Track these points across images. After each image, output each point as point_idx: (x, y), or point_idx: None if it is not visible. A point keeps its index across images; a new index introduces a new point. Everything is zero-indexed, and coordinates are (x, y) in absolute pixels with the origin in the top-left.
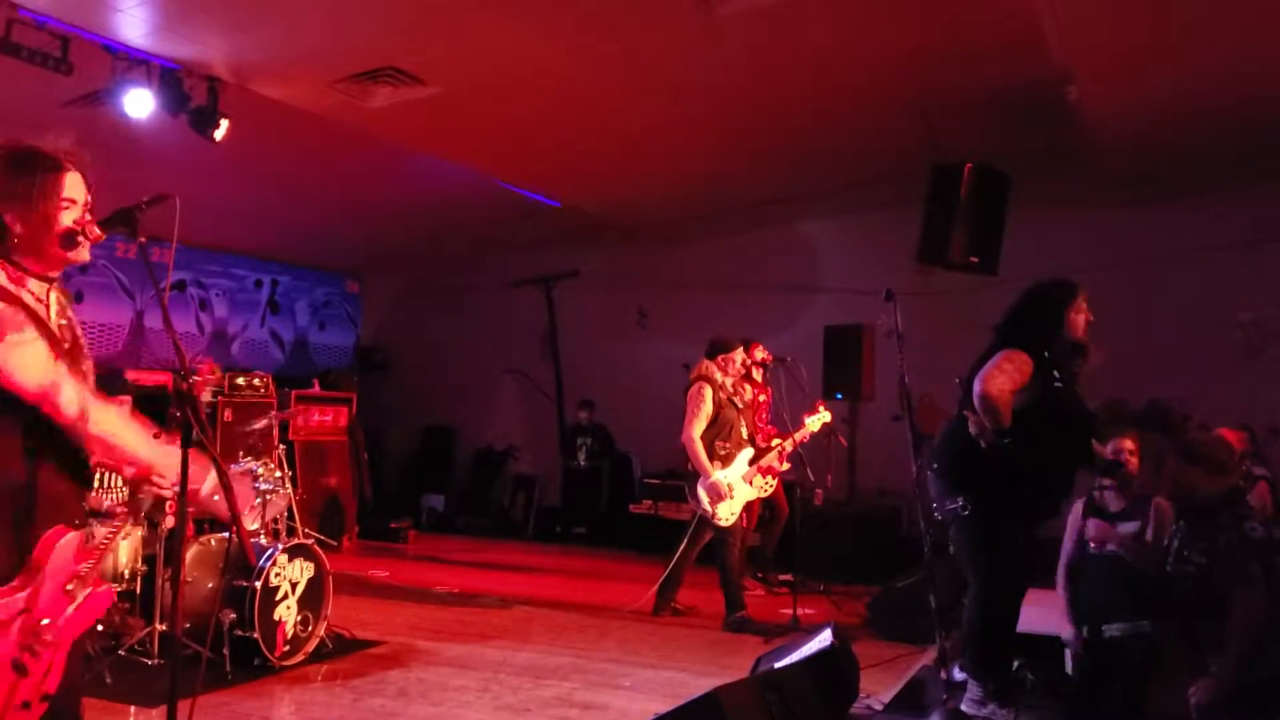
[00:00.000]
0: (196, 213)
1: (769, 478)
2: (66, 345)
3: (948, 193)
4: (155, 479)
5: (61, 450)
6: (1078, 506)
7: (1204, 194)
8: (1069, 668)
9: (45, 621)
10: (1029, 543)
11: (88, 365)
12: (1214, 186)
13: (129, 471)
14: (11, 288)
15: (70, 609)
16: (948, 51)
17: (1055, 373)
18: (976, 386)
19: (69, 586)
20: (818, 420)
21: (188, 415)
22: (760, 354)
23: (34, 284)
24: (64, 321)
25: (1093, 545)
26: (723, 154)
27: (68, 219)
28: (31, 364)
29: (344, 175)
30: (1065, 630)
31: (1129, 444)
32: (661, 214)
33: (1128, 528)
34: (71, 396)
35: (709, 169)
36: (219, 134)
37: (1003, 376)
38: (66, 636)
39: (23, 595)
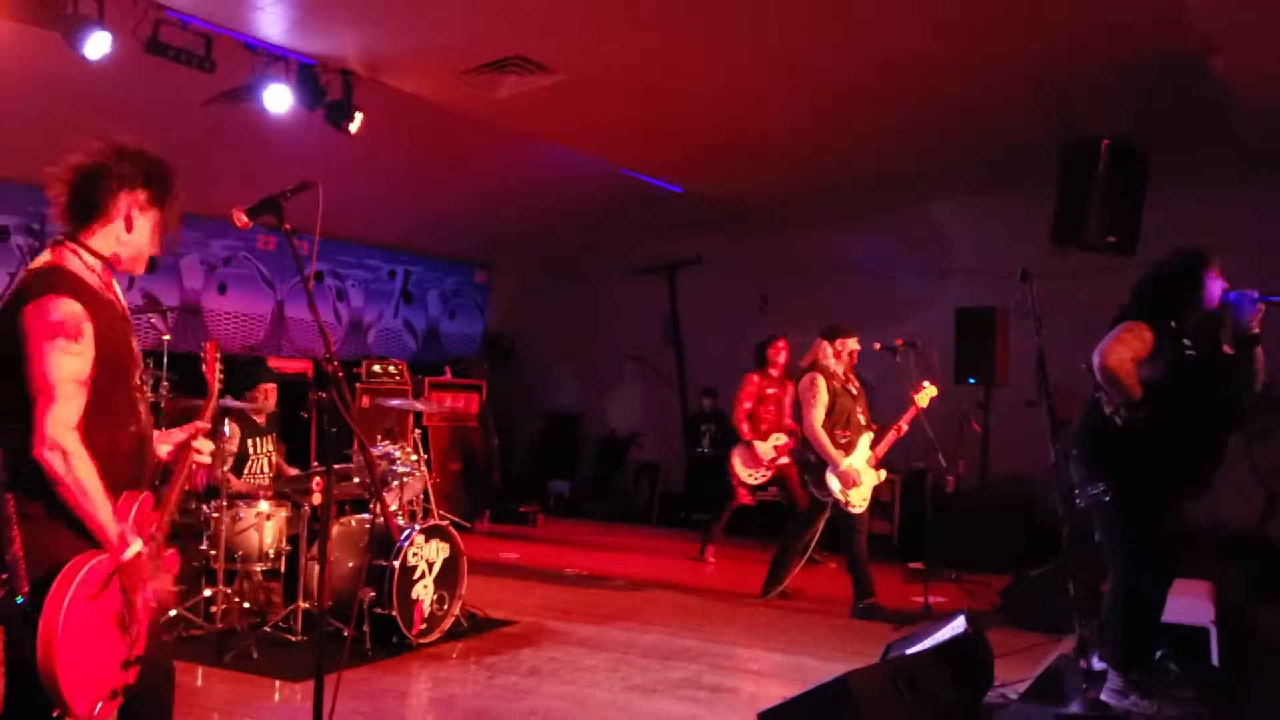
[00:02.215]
0: (332, 205)
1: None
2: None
3: (1083, 171)
4: (195, 447)
5: (121, 419)
6: None
7: None
8: (1214, 659)
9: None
10: (1176, 529)
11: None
12: None
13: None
14: (96, 283)
15: (151, 569)
16: (1082, 25)
17: (1186, 341)
18: (1096, 360)
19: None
20: (925, 396)
21: (333, 396)
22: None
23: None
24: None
25: None
26: (848, 135)
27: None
28: (62, 367)
29: (472, 166)
30: None
31: None
32: (785, 198)
33: None
34: (68, 419)
35: (834, 151)
36: (353, 127)
37: (1121, 347)
38: (152, 596)
39: (108, 556)
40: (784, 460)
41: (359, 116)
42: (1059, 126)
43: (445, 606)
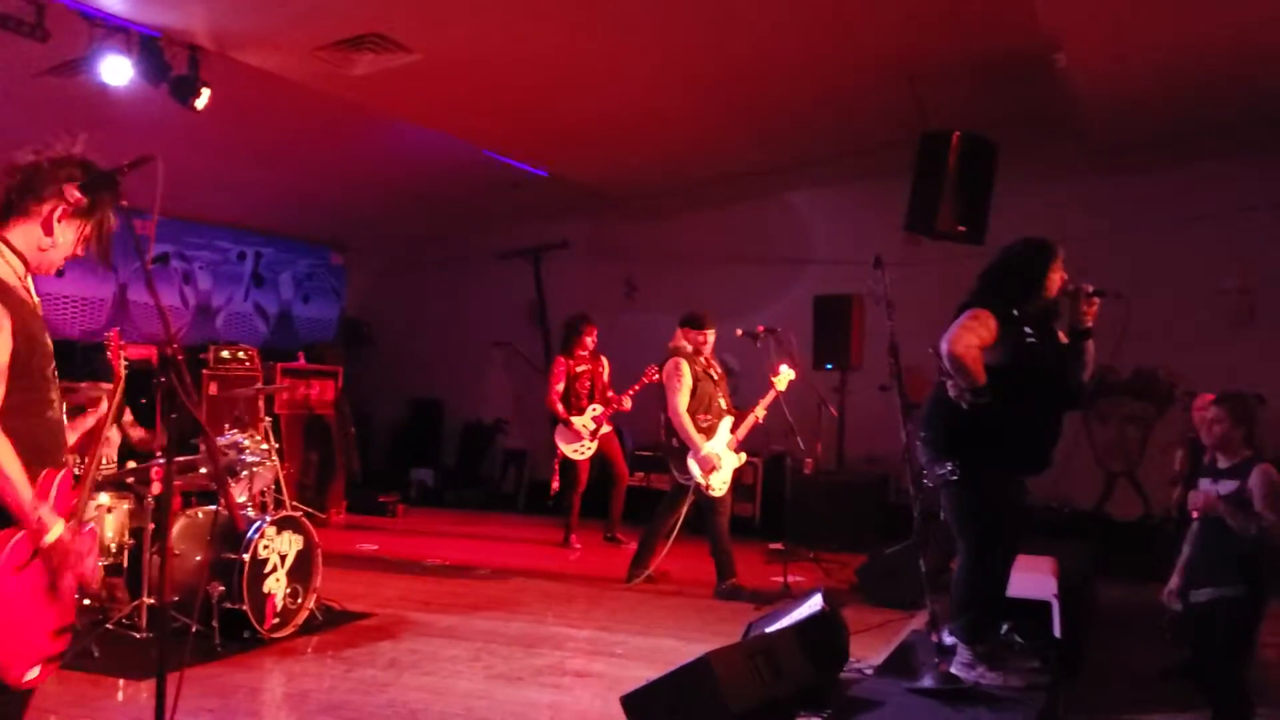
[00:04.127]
0: (179, 184)
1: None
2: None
3: (936, 162)
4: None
5: (37, 408)
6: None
7: (1191, 162)
8: (1056, 631)
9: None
10: (1019, 506)
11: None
12: (1201, 155)
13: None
14: (11, 279)
15: (77, 548)
16: (936, 19)
17: (1027, 329)
18: (943, 347)
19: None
20: (783, 379)
21: (173, 381)
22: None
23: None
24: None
25: (1194, 514)
26: (711, 124)
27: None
28: None
29: (328, 145)
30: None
31: (1213, 412)
32: (650, 185)
33: (1227, 486)
34: None
35: (697, 139)
36: (201, 103)
37: (968, 334)
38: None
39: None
40: (606, 429)
41: (206, 92)
42: (914, 119)
43: (299, 600)
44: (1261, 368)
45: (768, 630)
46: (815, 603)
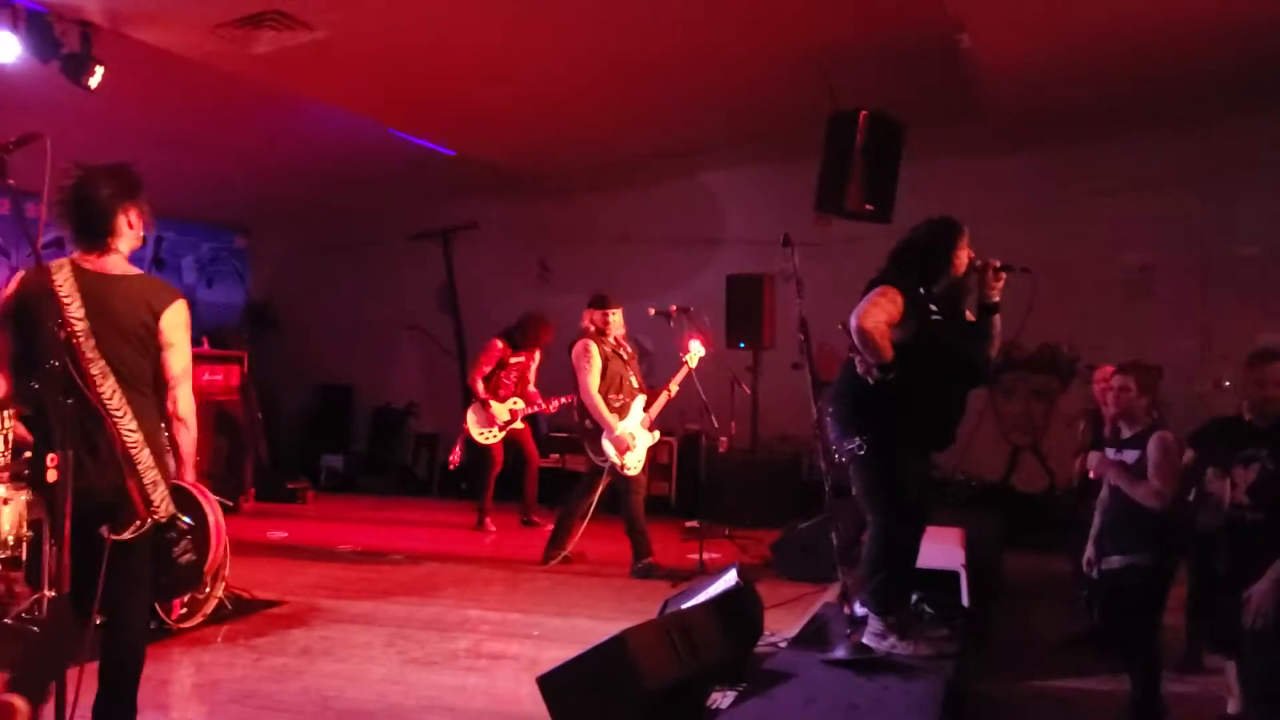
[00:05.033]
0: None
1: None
2: None
3: (844, 141)
4: None
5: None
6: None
7: (1092, 141)
8: (964, 600)
9: None
10: (926, 479)
11: None
12: (1102, 134)
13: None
14: None
15: None
16: (845, 1)
17: (933, 307)
18: (852, 322)
19: None
20: (694, 355)
21: (67, 366)
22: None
23: None
24: None
25: (1091, 474)
26: (621, 104)
27: None
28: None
29: (229, 125)
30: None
31: (1119, 380)
32: (562, 165)
33: (1130, 455)
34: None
35: (608, 121)
36: (94, 82)
37: (876, 310)
38: None
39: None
40: (518, 425)
41: (100, 70)
42: (824, 100)
43: (206, 589)
44: (1160, 341)
45: (683, 607)
46: (730, 578)
